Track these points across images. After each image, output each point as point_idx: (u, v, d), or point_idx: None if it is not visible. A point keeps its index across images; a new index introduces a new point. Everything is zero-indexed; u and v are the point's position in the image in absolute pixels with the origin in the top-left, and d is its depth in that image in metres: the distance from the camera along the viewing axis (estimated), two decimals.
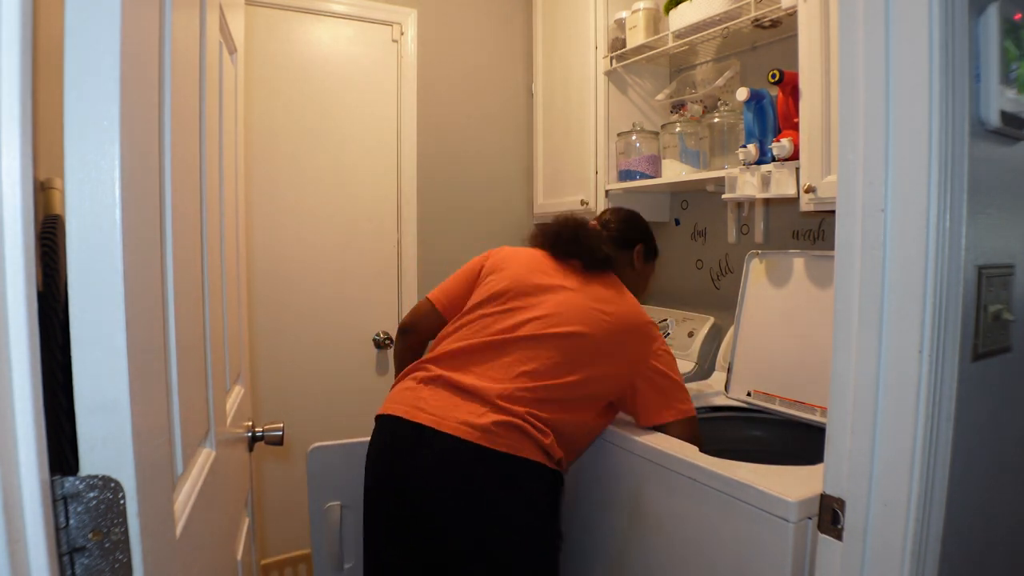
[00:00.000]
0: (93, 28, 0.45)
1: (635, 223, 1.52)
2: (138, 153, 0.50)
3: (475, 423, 1.16)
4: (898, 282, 0.67)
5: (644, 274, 1.53)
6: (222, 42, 0.91)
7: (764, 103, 1.51)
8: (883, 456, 0.69)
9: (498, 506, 1.18)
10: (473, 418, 1.17)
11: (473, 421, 1.17)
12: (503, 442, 1.16)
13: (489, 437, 1.15)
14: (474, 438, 1.15)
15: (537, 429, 1.18)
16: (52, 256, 0.49)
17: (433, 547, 1.21)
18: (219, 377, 0.85)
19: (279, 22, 2.06)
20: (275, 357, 2.09)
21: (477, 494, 1.17)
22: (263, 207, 2.05)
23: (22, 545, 0.38)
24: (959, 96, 0.66)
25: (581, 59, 2.08)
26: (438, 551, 1.21)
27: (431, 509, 1.19)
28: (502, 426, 1.16)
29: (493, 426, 1.16)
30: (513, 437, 1.17)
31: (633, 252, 1.49)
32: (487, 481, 1.17)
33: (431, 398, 1.23)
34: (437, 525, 1.19)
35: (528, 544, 1.21)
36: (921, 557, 0.68)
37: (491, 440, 1.15)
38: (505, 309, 1.31)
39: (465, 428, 1.16)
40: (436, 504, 1.19)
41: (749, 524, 1.03)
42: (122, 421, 0.46)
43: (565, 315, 1.27)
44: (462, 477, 1.17)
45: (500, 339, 1.27)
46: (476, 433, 1.16)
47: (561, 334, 1.25)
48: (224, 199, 0.91)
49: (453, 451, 1.16)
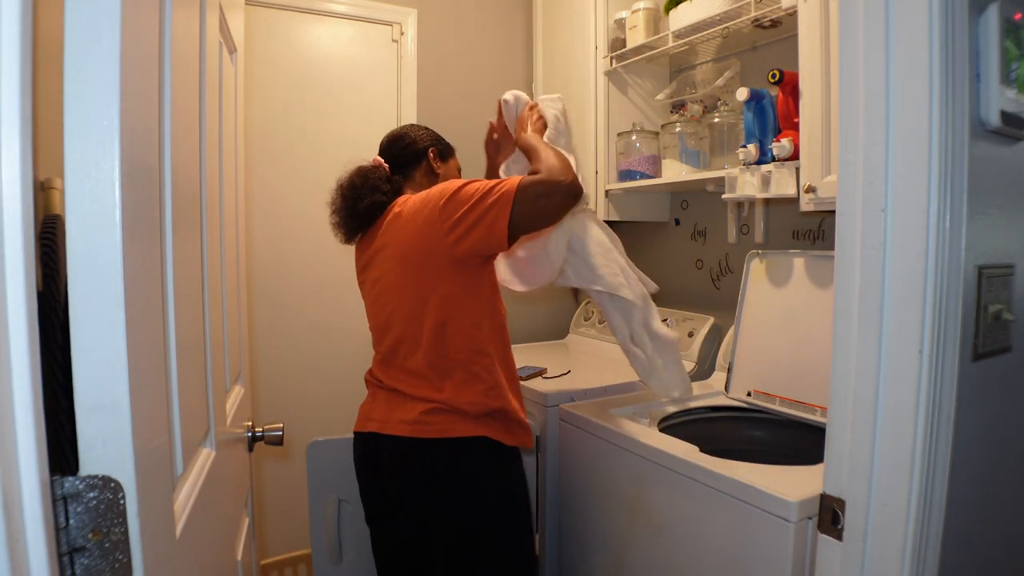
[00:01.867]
0: (93, 28, 0.44)
1: (403, 137, 1.42)
2: (138, 153, 0.50)
3: (407, 419, 1.22)
4: (898, 282, 0.67)
5: (450, 175, 1.44)
6: (222, 42, 0.91)
7: (764, 103, 1.51)
8: (883, 456, 0.69)
9: (450, 491, 1.21)
10: (405, 414, 1.22)
11: (405, 417, 1.22)
12: (434, 428, 1.20)
13: (420, 428, 1.20)
14: (408, 432, 1.20)
15: (444, 387, 1.20)
16: (52, 256, 0.49)
17: (415, 539, 1.28)
18: (219, 377, 0.85)
19: (279, 22, 2.06)
20: (275, 357, 2.09)
21: (425, 484, 1.21)
22: (263, 207, 2.05)
23: (22, 545, 0.38)
24: (959, 96, 0.66)
25: (581, 59, 2.08)
26: (421, 543, 1.27)
27: (399, 506, 1.27)
28: (429, 413, 1.20)
29: (422, 416, 1.20)
30: (441, 420, 1.20)
31: (424, 164, 1.40)
32: (431, 470, 1.21)
33: (376, 405, 1.31)
34: (410, 519, 1.26)
35: (490, 521, 1.22)
36: (921, 557, 0.68)
37: (423, 430, 1.20)
38: (370, 295, 1.36)
39: (401, 425, 1.22)
40: (401, 501, 1.25)
41: (749, 524, 1.03)
42: (122, 421, 0.46)
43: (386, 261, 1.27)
44: (410, 472, 1.22)
45: (379, 323, 1.32)
46: (408, 428, 1.21)
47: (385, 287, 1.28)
48: (224, 199, 0.91)
49: (397, 449, 1.22)
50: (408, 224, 1.23)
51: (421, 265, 1.20)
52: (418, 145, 1.41)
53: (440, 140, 1.47)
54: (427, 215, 1.18)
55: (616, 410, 1.49)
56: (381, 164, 1.40)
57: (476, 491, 1.21)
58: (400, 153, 1.41)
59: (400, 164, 1.40)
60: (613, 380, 1.75)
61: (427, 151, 1.41)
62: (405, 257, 1.23)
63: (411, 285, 1.22)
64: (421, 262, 1.20)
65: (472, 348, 1.21)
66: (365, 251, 1.36)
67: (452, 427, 1.19)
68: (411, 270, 1.22)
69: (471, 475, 1.21)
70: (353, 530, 1.50)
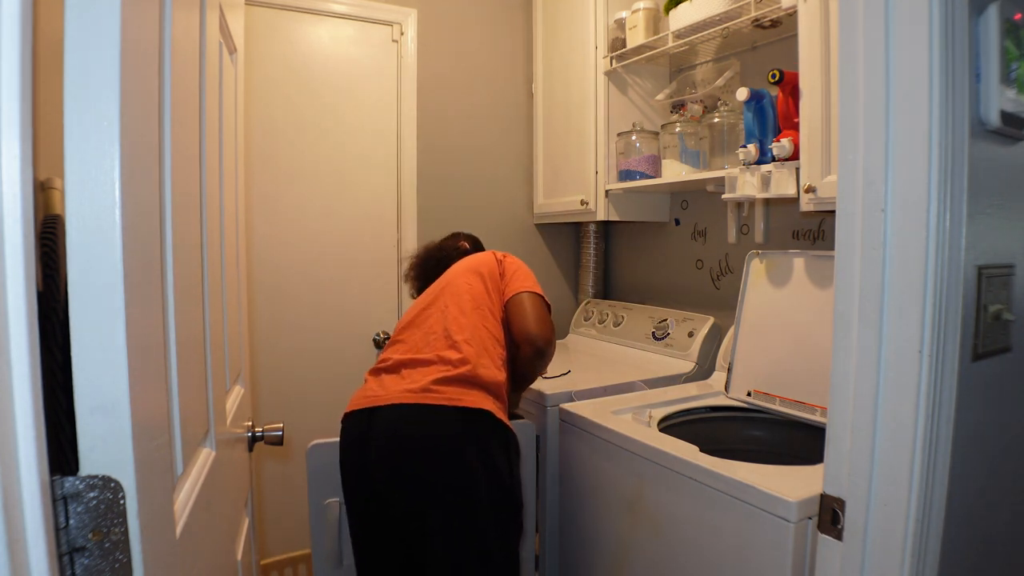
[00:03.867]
0: (93, 28, 0.44)
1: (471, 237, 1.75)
2: (138, 153, 0.50)
3: (414, 387, 1.24)
4: (898, 282, 0.67)
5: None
6: (222, 42, 0.91)
7: (764, 103, 1.51)
8: (883, 456, 0.69)
9: (448, 455, 1.21)
10: (412, 384, 1.25)
11: (412, 387, 1.24)
12: (443, 396, 1.22)
13: (428, 395, 1.22)
14: (413, 400, 1.22)
15: (463, 361, 1.27)
16: (52, 256, 0.49)
17: (402, 516, 1.27)
18: (219, 377, 0.85)
19: (279, 22, 2.06)
20: (275, 357, 2.09)
21: (427, 450, 1.21)
22: (263, 207, 2.05)
23: (22, 545, 0.38)
24: (959, 96, 0.66)
25: (581, 59, 2.08)
26: (407, 521, 1.26)
27: (392, 479, 1.25)
28: (441, 382, 1.23)
29: (432, 384, 1.22)
30: (454, 389, 1.22)
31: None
32: (433, 434, 1.21)
33: (376, 385, 1.33)
34: (399, 492, 1.25)
35: (483, 491, 1.22)
36: (921, 557, 0.68)
37: (431, 397, 1.21)
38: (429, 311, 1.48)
39: (406, 394, 1.24)
40: (392, 470, 1.24)
41: (749, 524, 1.03)
42: (122, 421, 0.46)
43: (458, 286, 1.45)
44: (407, 437, 1.23)
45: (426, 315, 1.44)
46: (415, 395, 1.22)
47: (460, 295, 1.42)
48: (224, 199, 0.91)
49: (397, 417, 1.23)
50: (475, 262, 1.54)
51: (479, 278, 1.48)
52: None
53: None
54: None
55: (616, 410, 1.49)
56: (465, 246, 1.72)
57: (478, 458, 1.22)
58: (475, 244, 1.76)
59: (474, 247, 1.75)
60: (613, 380, 1.75)
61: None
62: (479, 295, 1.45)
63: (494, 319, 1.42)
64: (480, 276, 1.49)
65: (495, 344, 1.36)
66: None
67: (461, 397, 1.22)
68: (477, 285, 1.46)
69: (476, 442, 1.22)
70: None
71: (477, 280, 1.46)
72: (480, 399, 1.25)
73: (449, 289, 1.46)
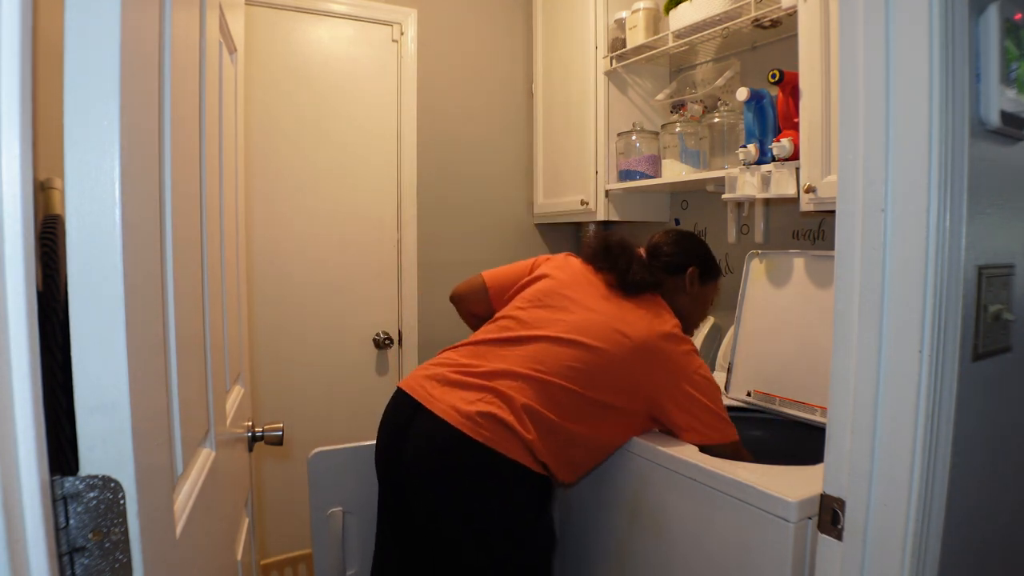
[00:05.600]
0: (93, 28, 0.44)
1: (686, 245, 1.45)
2: (138, 153, 0.50)
3: (462, 408, 1.19)
4: (898, 282, 0.67)
5: (700, 297, 1.46)
6: (222, 42, 0.91)
7: (764, 103, 1.51)
8: (883, 456, 0.69)
9: (473, 495, 1.19)
10: (462, 404, 1.20)
11: (460, 407, 1.19)
12: (484, 433, 1.17)
13: (471, 426, 1.17)
14: (457, 423, 1.17)
15: (522, 424, 1.17)
16: (52, 256, 0.49)
17: (419, 523, 1.25)
18: (219, 377, 0.85)
19: (279, 22, 2.06)
20: (275, 357, 2.09)
21: (454, 479, 1.19)
22: (263, 207, 2.05)
23: (22, 545, 0.38)
24: (959, 96, 0.66)
25: (581, 59, 2.08)
26: (424, 528, 1.24)
27: (416, 484, 1.23)
28: (486, 417, 1.17)
29: (478, 416, 1.17)
30: (495, 431, 1.17)
31: (685, 276, 1.42)
32: (464, 468, 1.18)
33: (435, 378, 1.27)
34: (421, 500, 1.23)
35: (501, 538, 1.20)
36: (921, 557, 0.68)
37: (473, 429, 1.17)
38: (534, 313, 1.33)
39: (452, 412, 1.19)
40: (420, 480, 1.22)
41: (749, 524, 1.03)
42: (122, 421, 0.46)
43: (586, 329, 1.26)
44: (441, 458, 1.20)
45: (519, 335, 1.29)
46: (460, 419, 1.18)
47: (578, 342, 1.24)
48: (224, 199, 0.91)
49: (438, 432, 1.19)
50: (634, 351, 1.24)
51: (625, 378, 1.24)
52: (687, 258, 1.43)
53: (710, 261, 1.47)
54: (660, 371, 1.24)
55: None
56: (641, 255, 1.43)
57: (494, 503, 1.19)
58: (670, 257, 1.42)
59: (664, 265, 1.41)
60: None
61: (687, 268, 1.42)
62: (615, 365, 1.23)
63: (606, 372, 1.23)
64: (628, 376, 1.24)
65: (572, 442, 1.23)
66: (579, 287, 1.36)
67: (500, 443, 1.16)
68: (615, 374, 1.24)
69: (497, 487, 1.19)
70: (357, 542, 1.46)
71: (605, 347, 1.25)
72: (522, 453, 1.19)
73: (575, 329, 1.27)
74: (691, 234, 1.50)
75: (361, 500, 1.43)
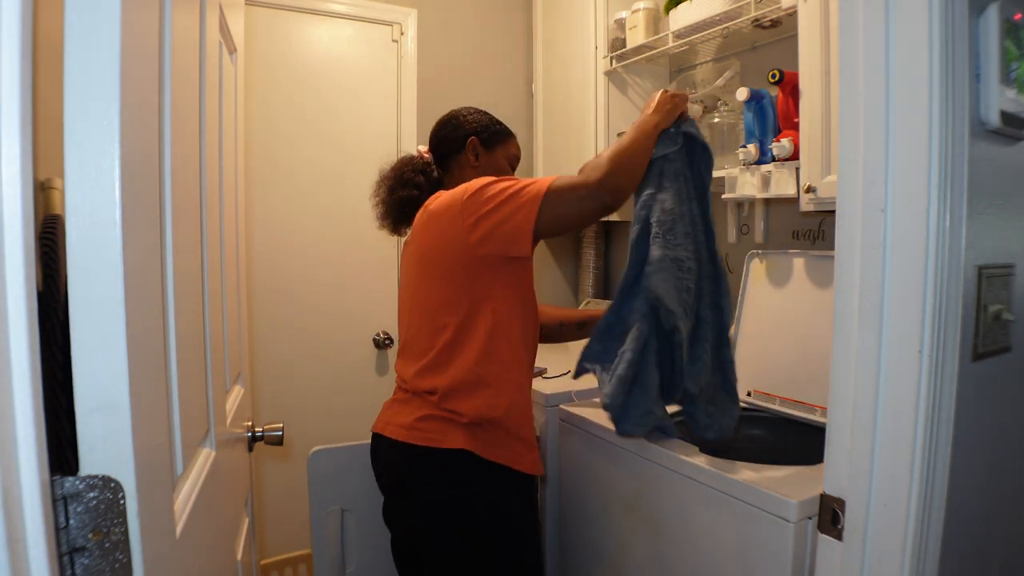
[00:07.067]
0: (93, 28, 0.44)
1: (447, 124, 1.33)
2: (138, 153, 0.50)
3: (403, 422, 1.19)
4: (898, 282, 0.67)
5: (492, 165, 1.32)
6: (222, 42, 0.91)
7: (764, 103, 1.51)
8: (883, 456, 0.69)
9: (432, 502, 1.16)
10: (403, 417, 1.20)
11: (402, 420, 1.19)
12: (424, 436, 1.15)
13: (413, 433, 1.17)
14: (401, 436, 1.18)
15: (446, 410, 1.14)
16: (52, 256, 0.49)
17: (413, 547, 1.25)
18: (219, 377, 0.85)
19: (279, 22, 2.06)
20: (275, 357, 2.09)
21: (412, 491, 1.19)
22: (263, 207, 2.05)
23: (22, 545, 0.38)
24: (959, 96, 0.66)
25: (581, 59, 2.08)
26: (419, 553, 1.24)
27: (391, 509, 1.26)
28: (424, 420, 1.17)
29: (417, 422, 1.17)
30: (434, 428, 1.15)
31: (467, 150, 1.30)
32: (414, 477, 1.18)
33: (388, 404, 1.29)
34: (399, 524, 1.26)
35: (469, 536, 1.16)
36: (921, 557, 0.68)
37: (414, 436, 1.16)
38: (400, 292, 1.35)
39: (396, 428, 1.20)
40: (392, 503, 1.24)
41: (749, 524, 1.03)
42: (122, 421, 0.46)
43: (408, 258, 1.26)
44: (396, 475, 1.21)
45: (400, 319, 1.31)
46: (403, 432, 1.18)
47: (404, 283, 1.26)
48: (224, 199, 0.91)
49: (387, 452, 1.21)
50: (433, 223, 1.16)
51: (447, 272, 1.14)
52: (459, 132, 1.31)
53: (489, 127, 1.33)
54: (451, 215, 1.12)
55: None
56: (422, 155, 1.35)
57: (463, 509, 1.15)
58: (443, 141, 1.32)
59: (442, 153, 1.33)
60: None
61: (467, 140, 1.30)
62: (425, 258, 1.18)
63: (429, 288, 1.17)
64: (447, 268, 1.13)
65: (502, 358, 1.15)
66: (406, 246, 1.31)
67: (441, 437, 1.14)
68: (432, 274, 1.16)
69: (458, 492, 1.15)
70: (357, 541, 1.47)
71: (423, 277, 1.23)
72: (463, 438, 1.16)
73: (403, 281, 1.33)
74: (451, 112, 1.37)
75: (360, 499, 1.43)
